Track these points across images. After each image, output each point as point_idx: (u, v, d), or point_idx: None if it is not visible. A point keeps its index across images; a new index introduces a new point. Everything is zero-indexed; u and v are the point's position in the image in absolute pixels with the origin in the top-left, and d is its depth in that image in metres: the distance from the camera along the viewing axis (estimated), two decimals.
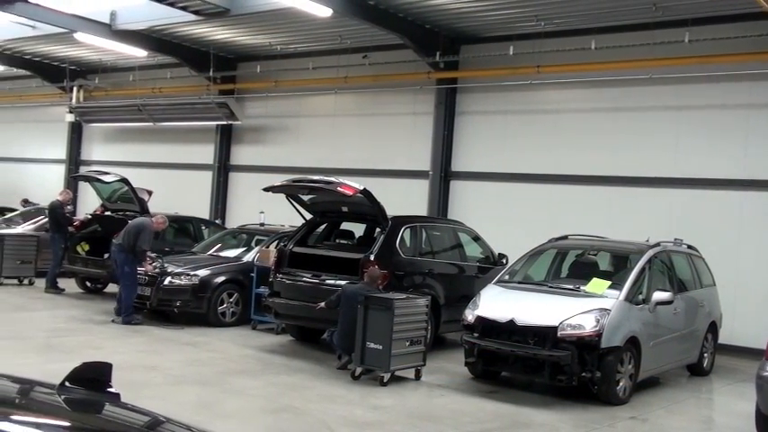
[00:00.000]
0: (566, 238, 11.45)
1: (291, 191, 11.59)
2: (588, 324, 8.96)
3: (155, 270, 12.75)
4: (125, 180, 15.14)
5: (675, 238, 11.83)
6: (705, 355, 11.53)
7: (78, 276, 15.85)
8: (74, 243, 15.61)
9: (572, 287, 9.83)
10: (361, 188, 10.63)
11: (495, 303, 9.70)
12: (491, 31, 15.99)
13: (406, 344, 9.46)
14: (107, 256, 13.94)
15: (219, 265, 13.46)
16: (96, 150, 24.64)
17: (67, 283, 15.56)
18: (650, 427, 8.54)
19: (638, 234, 12.25)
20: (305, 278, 11.37)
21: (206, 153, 21.25)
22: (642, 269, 9.93)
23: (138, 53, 19.18)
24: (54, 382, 2.84)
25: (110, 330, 11.98)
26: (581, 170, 15.28)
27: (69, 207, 16.75)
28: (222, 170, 21.07)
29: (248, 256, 13.65)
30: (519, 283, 10.43)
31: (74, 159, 24.84)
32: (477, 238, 13.32)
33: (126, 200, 15.65)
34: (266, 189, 11.60)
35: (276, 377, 9.60)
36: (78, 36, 18.14)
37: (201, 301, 12.76)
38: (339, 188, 10.62)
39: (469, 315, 9.70)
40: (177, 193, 20.69)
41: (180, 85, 21.01)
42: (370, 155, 18.07)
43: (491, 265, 12.86)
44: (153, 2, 15.82)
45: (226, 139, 21.09)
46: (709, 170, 13.94)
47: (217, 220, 19.50)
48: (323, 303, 10.34)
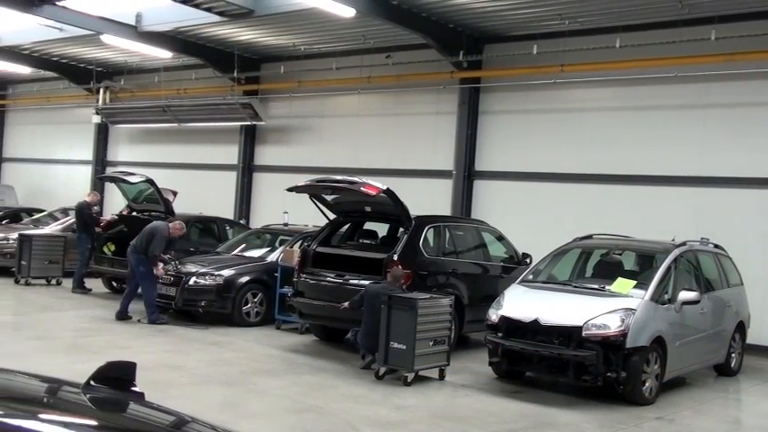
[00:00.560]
0: (590, 237, 11.38)
1: (315, 191, 11.61)
2: (613, 324, 8.89)
3: (166, 273, 12.81)
4: (150, 181, 15.27)
5: (702, 238, 11.71)
6: (733, 355, 11.41)
7: (105, 276, 16.02)
8: (100, 243, 15.77)
9: (597, 287, 9.78)
10: (385, 188, 10.63)
11: (520, 303, 9.67)
12: (515, 30, 15.92)
13: (430, 344, 9.45)
14: None
15: (244, 265, 13.51)
16: (122, 151, 24.85)
17: (94, 284, 15.73)
18: (677, 427, 8.47)
19: (663, 233, 12.15)
20: (329, 278, 11.39)
21: (230, 153, 21.36)
22: (668, 269, 9.84)
23: (164, 54, 19.32)
24: (80, 381, 2.87)
25: (135, 330, 12.08)
26: (606, 169, 15.17)
27: (96, 208, 16.92)
28: (246, 170, 21.17)
29: (272, 256, 13.70)
30: (543, 282, 10.38)
31: (100, 160, 25.05)
32: (501, 238, 13.27)
33: (151, 200, 15.77)
34: (290, 189, 11.64)
35: (300, 377, 9.63)
36: (105, 38, 18.31)
37: (226, 301, 12.82)
38: (362, 188, 10.63)
39: (493, 315, 9.67)
40: (202, 193, 20.81)
41: (204, 86, 21.14)
42: (394, 155, 18.07)
43: (515, 265, 12.80)
44: (178, 3, 15.94)
45: (250, 139, 21.18)
46: (736, 168, 13.78)
47: (241, 221, 19.59)
48: (346, 303, 10.36)
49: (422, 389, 9.26)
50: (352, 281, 11.09)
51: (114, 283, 16.00)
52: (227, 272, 13.02)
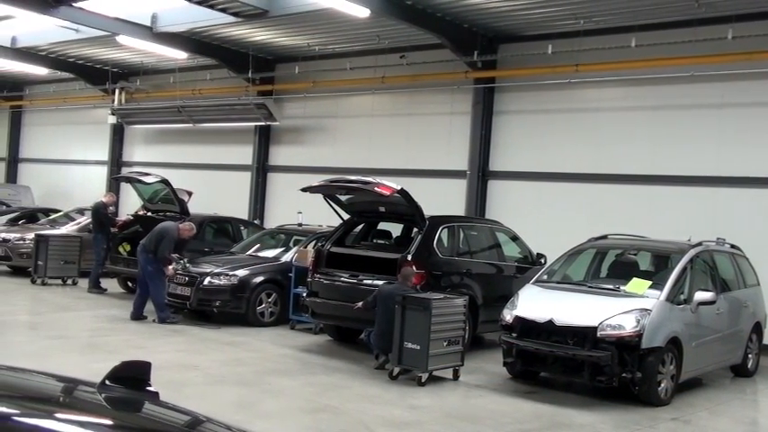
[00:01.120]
0: (605, 237, 11.33)
1: (329, 191, 11.62)
2: (628, 324, 8.86)
3: (176, 273, 12.84)
4: (166, 181, 15.33)
5: (718, 238, 11.64)
6: (749, 355, 11.34)
7: (120, 276, 16.10)
8: (116, 243, 15.86)
9: (612, 287, 9.73)
10: (399, 188, 10.62)
11: (534, 303, 9.64)
12: (529, 29, 15.88)
13: (444, 344, 9.44)
14: None
15: (258, 265, 13.54)
16: (137, 152, 24.97)
17: (110, 284, 15.81)
18: (693, 428, 8.42)
19: (679, 233, 12.08)
20: (343, 278, 11.39)
21: (245, 154, 21.41)
22: (684, 269, 9.79)
23: (179, 55, 19.40)
24: (95, 380, 2.88)
25: (151, 330, 12.13)
26: (621, 169, 15.11)
27: (112, 208, 17.01)
28: (261, 171, 21.22)
29: (286, 257, 13.72)
30: (558, 282, 10.35)
31: (116, 161, 25.19)
32: (516, 238, 13.24)
33: (167, 201, 15.83)
34: (304, 189, 11.65)
35: (314, 377, 9.64)
36: (120, 39, 18.41)
37: (240, 301, 12.86)
38: (376, 188, 10.62)
39: (508, 315, 9.65)
40: (216, 193, 20.88)
41: (219, 87, 21.21)
42: (408, 155, 18.06)
43: (529, 265, 12.77)
44: (193, 4, 16.00)
45: (264, 139, 21.23)
46: (753, 168, 13.68)
47: (255, 221, 19.64)
48: (360, 303, 10.36)
49: (436, 389, 9.26)
50: (366, 281, 11.09)
51: (130, 284, 16.05)
52: (241, 272, 13.05)
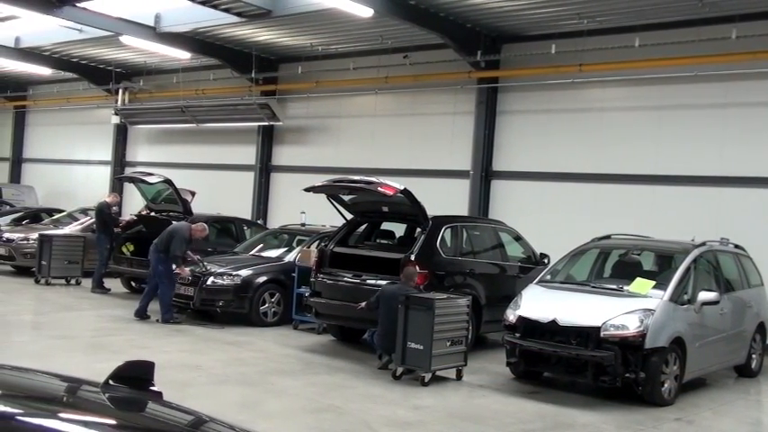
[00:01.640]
0: (608, 237, 11.31)
1: (332, 191, 11.62)
2: (632, 324, 8.85)
3: (189, 274, 12.83)
4: (169, 181, 15.35)
5: (722, 238, 11.61)
6: (753, 356, 11.31)
7: (123, 276, 16.11)
8: (119, 243, 15.86)
9: (615, 287, 9.72)
10: (402, 188, 10.62)
11: (537, 303, 9.63)
12: (533, 29, 15.87)
13: (447, 344, 9.44)
14: None
15: (261, 265, 13.55)
16: (141, 152, 25.00)
17: (113, 283, 15.82)
18: (696, 428, 8.41)
19: (682, 234, 12.05)
20: (346, 278, 11.39)
21: (248, 154, 21.43)
22: (687, 269, 9.77)
23: (182, 55, 19.42)
24: (99, 380, 2.89)
25: (154, 330, 12.14)
26: (624, 169, 15.09)
27: (115, 208, 17.03)
28: (264, 171, 21.23)
29: (290, 257, 13.73)
30: (561, 282, 10.34)
31: (119, 161, 25.23)
32: (519, 238, 13.23)
33: (170, 201, 15.85)
34: (307, 189, 11.65)
35: (317, 377, 9.65)
36: (124, 39, 18.44)
37: (243, 301, 12.86)
38: (380, 188, 10.62)
39: (511, 315, 9.64)
40: (219, 193, 20.89)
41: (222, 87, 21.23)
42: (411, 155, 18.06)
43: (533, 265, 12.76)
44: (196, 4, 16.01)
45: (267, 139, 21.25)
46: (757, 168, 13.65)
47: (258, 221, 19.64)
48: (363, 303, 10.36)
49: (439, 389, 9.25)
50: (369, 281, 11.09)
51: (133, 283, 16.08)
52: (244, 272, 13.06)
